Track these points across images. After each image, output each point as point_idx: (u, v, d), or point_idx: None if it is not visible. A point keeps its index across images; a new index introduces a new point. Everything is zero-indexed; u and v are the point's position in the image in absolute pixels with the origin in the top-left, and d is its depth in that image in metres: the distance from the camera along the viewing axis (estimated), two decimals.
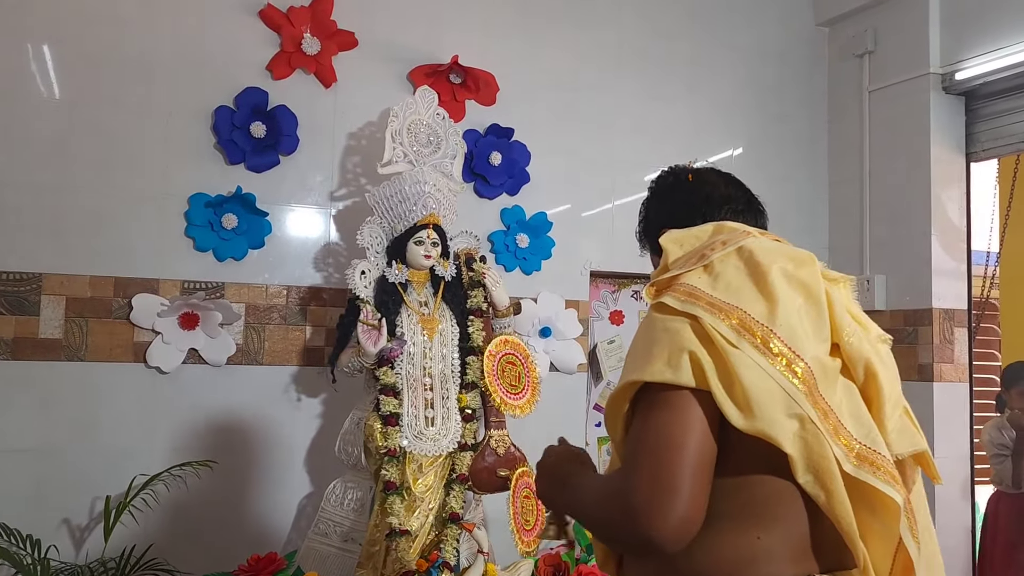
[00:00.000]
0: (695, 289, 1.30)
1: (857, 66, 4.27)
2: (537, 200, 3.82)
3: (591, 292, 3.99)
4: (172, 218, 3.27)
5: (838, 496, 1.22)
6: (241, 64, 3.38)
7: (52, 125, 3.15)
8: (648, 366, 1.24)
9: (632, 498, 1.17)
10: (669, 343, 1.25)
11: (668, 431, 1.20)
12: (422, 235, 3.07)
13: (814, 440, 1.22)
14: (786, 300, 1.29)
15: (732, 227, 1.43)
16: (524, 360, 3.14)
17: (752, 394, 1.20)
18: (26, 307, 3.09)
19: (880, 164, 4.17)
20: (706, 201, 1.54)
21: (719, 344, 1.23)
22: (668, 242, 1.43)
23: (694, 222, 1.49)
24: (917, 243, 3.95)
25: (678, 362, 1.22)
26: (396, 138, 3.17)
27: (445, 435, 3.00)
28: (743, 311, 1.27)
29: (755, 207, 1.58)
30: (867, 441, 1.26)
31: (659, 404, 1.22)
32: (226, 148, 3.32)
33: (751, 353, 1.23)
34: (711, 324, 1.24)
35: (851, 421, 1.27)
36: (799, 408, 1.22)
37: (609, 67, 4.02)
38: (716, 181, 1.58)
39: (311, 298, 3.44)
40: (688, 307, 1.28)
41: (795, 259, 1.36)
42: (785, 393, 1.22)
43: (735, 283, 1.30)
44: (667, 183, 1.63)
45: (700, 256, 1.36)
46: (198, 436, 3.26)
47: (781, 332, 1.26)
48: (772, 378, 1.22)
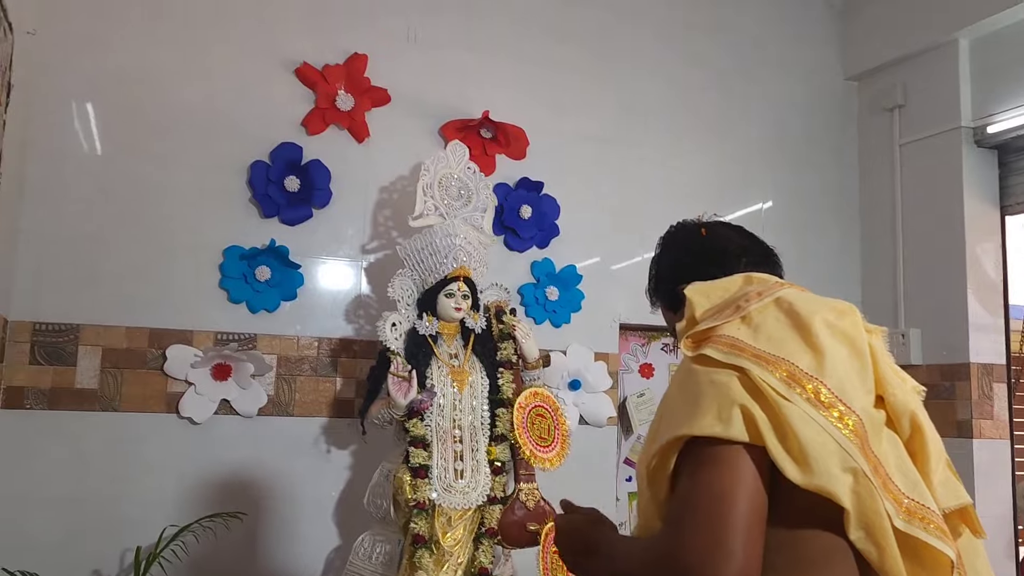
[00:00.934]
0: (738, 341, 1.26)
1: (888, 120, 4.27)
2: (567, 253, 3.83)
3: (621, 345, 3.98)
4: (207, 270, 3.32)
5: (890, 552, 1.18)
6: (277, 120, 3.46)
7: (92, 180, 3.23)
8: (696, 420, 1.19)
9: (684, 560, 1.12)
10: (717, 396, 1.20)
11: (720, 488, 1.15)
12: (452, 288, 3.09)
13: (867, 495, 1.18)
14: (832, 351, 1.26)
15: (761, 278, 1.40)
16: (554, 412, 3.13)
17: (808, 448, 1.17)
18: (64, 357, 3.14)
19: (913, 217, 4.15)
20: (723, 254, 1.50)
21: (770, 397, 1.19)
22: (695, 294, 1.39)
23: (713, 276, 1.45)
24: (953, 297, 3.91)
25: (729, 416, 1.18)
26: (427, 191, 3.21)
27: (474, 488, 2.98)
28: (790, 363, 1.23)
29: (772, 259, 1.55)
30: (915, 495, 1.22)
31: (709, 460, 1.18)
32: (261, 202, 3.39)
33: (803, 405, 1.19)
34: (760, 376, 1.21)
35: (898, 475, 1.23)
36: (853, 462, 1.18)
37: (637, 120, 4.06)
38: (729, 234, 1.56)
39: (342, 350, 3.46)
40: (733, 359, 1.23)
41: (836, 309, 1.33)
42: (839, 446, 1.18)
43: (777, 334, 1.27)
44: (679, 238, 1.60)
45: (735, 307, 1.33)
46: (228, 487, 3.26)
47: (831, 383, 1.22)
48: (826, 431, 1.18)
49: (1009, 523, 3.84)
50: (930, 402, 1.42)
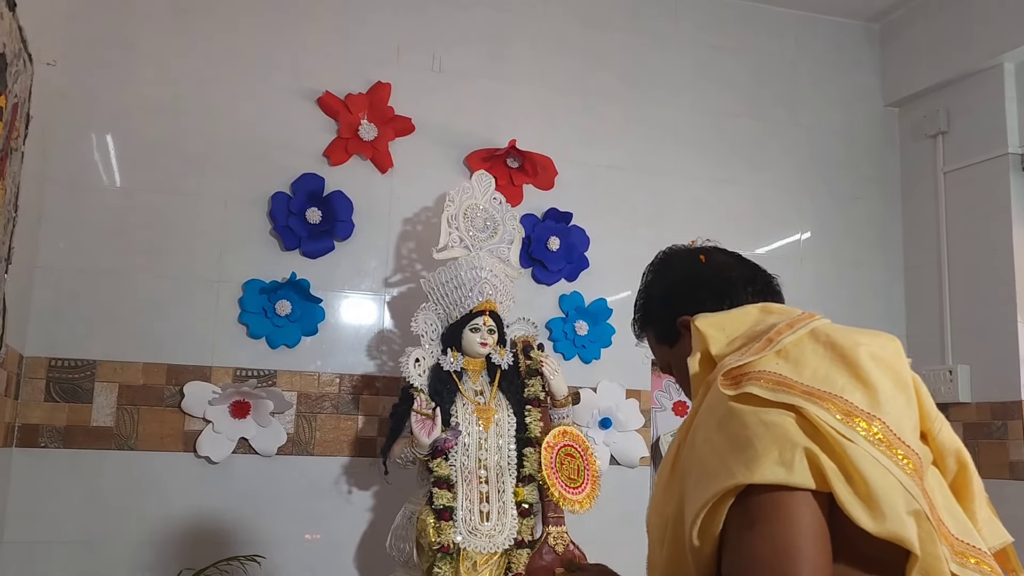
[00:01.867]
0: (783, 377, 1.15)
1: (931, 147, 4.13)
2: (596, 286, 3.71)
3: (653, 382, 3.84)
4: (226, 304, 3.24)
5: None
6: (298, 151, 3.39)
7: (111, 213, 3.17)
8: (754, 466, 1.08)
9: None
10: (775, 439, 1.09)
11: (784, 541, 1.05)
12: (478, 322, 2.98)
13: (928, 539, 1.08)
14: (882, 385, 1.15)
15: (781, 308, 1.31)
16: (584, 452, 2.99)
17: (878, 492, 1.06)
18: (79, 395, 3.06)
19: (958, 247, 3.98)
20: (727, 283, 1.40)
21: (830, 437, 1.09)
22: (708, 327, 1.29)
23: (715, 307, 1.36)
24: (1003, 330, 3.73)
25: (792, 459, 1.08)
26: (452, 223, 3.11)
27: (501, 531, 2.85)
28: (843, 399, 1.12)
29: (773, 287, 1.45)
30: (964, 536, 1.14)
31: (771, 509, 1.07)
32: (282, 234, 3.31)
33: (865, 445, 1.09)
34: (817, 414, 1.10)
35: (946, 515, 1.15)
36: (916, 504, 1.08)
37: (669, 149, 3.95)
38: (729, 261, 1.46)
39: (364, 387, 3.36)
40: (783, 396, 1.12)
41: (877, 340, 1.22)
42: (904, 488, 1.08)
43: (822, 369, 1.16)
44: (673, 265, 1.49)
45: (767, 341, 1.22)
46: (246, 528, 3.16)
47: (888, 420, 1.12)
48: (891, 472, 1.08)
49: None
50: (980, 442, 1.34)
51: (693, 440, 1.20)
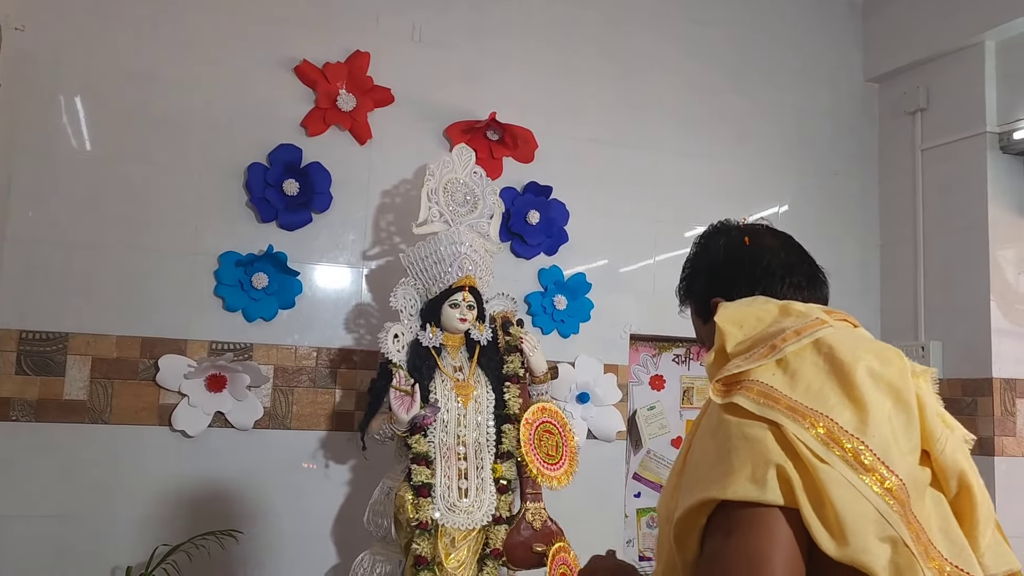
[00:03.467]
0: (771, 390, 1.14)
1: (909, 124, 4.14)
2: (576, 260, 3.70)
3: (631, 356, 3.85)
4: (202, 277, 3.19)
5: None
6: (275, 121, 3.33)
7: (82, 181, 3.10)
8: (728, 481, 1.09)
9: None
10: (751, 454, 1.10)
11: (753, 554, 1.06)
12: (457, 298, 2.96)
13: (906, 566, 1.07)
14: (876, 406, 1.14)
15: (799, 311, 1.27)
16: (562, 429, 3.00)
17: (845, 517, 1.06)
18: (51, 368, 3.01)
19: (934, 225, 4.01)
20: (765, 272, 1.37)
21: (805, 458, 1.08)
22: (726, 323, 1.27)
23: (750, 293, 1.34)
24: (975, 308, 3.77)
25: (764, 477, 1.08)
26: (432, 197, 3.08)
27: (479, 507, 2.86)
28: (829, 419, 1.11)
29: (817, 277, 1.42)
30: (958, 561, 1.12)
31: (743, 524, 1.08)
32: (258, 206, 3.26)
33: (841, 469, 1.08)
34: (795, 434, 1.09)
35: (940, 538, 1.13)
36: (892, 530, 1.07)
37: (651, 123, 3.92)
38: (775, 246, 1.41)
39: (341, 360, 3.33)
40: (766, 412, 1.12)
41: (881, 356, 1.19)
42: (879, 514, 1.07)
43: (816, 384, 1.15)
44: (718, 242, 1.45)
45: (770, 347, 1.20)
46: (222, 503, 3.14)
47: (873, 444, 1.11)
48: (865, 497, 1.07)
49: None
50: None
51: (695, 442, 1.21)
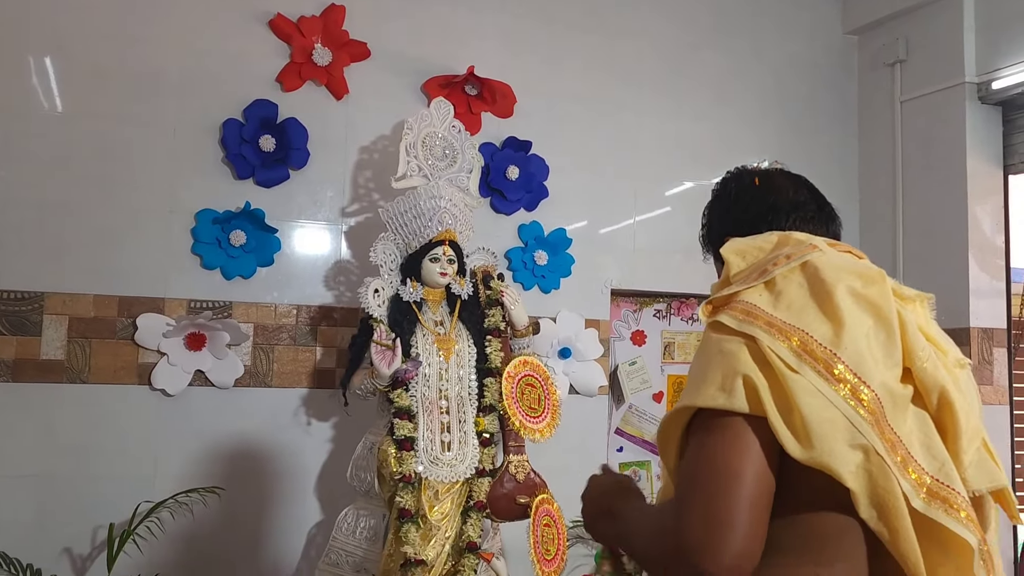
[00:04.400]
0: (753, 307, 1.20)
1: (888, 76, 4.13)
2: (556, 216, 3.69)
3: (612, 311, 3.85)
4: (178, 235, 3.16)
5: (904, 534, 1.12)
6: (250, 76, 3.28)
7: (54, 140, 3.05)
8: (701, 391, 1.16)
9: (684, 535, 1.09)
10: (723, 366, 1.17)
11: (723, 460, 1.12)
12: (438, 252, 2.95)
13: (879, 473, 1.12)
14: (853, 322, 1.18)
15: (798, 239, 1.32)
16: (544, 382, 3.00)
17: (811, 423, 1.11)
18: (27, 327, 2.98)
19: (913, 177, 4.02)
20: (772, 209, 1.43)
21: (777, 368, 1.14)
22: (730, 253, 1.32)
23: (759, 230, 1.39)
24: (953, 260, 3.79)
25: (732, 386, 1.14)
26: (410, 151, 3.05)
27: (462, 460, 2.87)
28: (805, 332, 1.17)
29: (826, 212, 1.46)
30: (939, 475, 1.15)
31: (713, 431, 1.14)
32: (234, 162, 3.22)
33: (812, 378, 1.13)
34: (769, 346, 1.15)
35: (922, 453, 1.16)
36: (863, 438, 1.12)
37: (631, 78, 3.90)
38: (784, 185, 1.47)
39: (322, 318, 3.32)
40: (745, 327, 1.19)
41: (864, 276, 1.25)
42: (848, 422, 1.12)
43: (798, 302, 1.21)
44: (731, 187, 1.51)
45: (761, 271, 1.26)
46: (204, 461, 3.13)
47: (846, 356, 1.15)
48: (834, 405, 1.12)
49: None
50: None
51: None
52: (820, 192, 1.49)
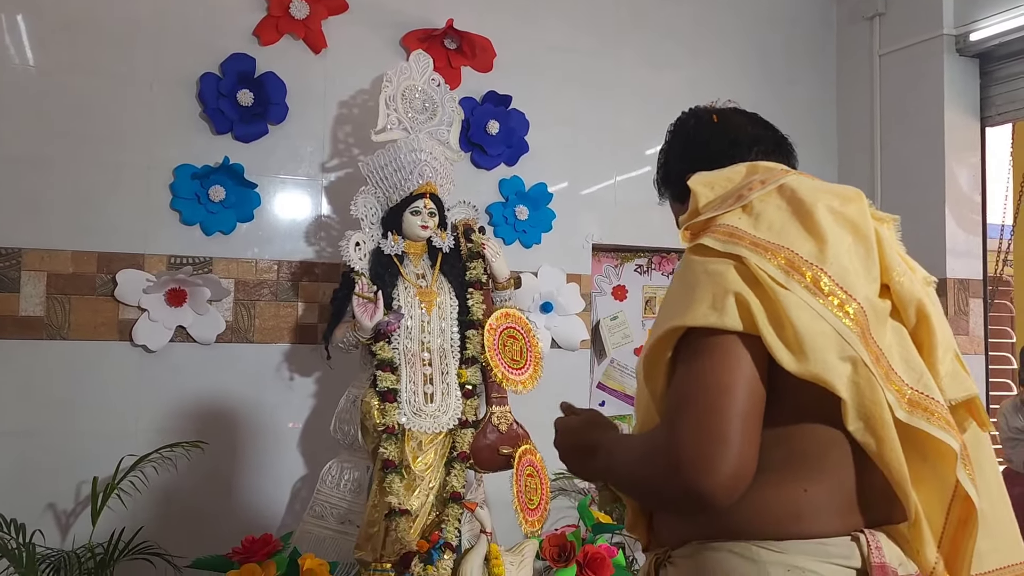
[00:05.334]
0: (736, 230, 1.21)
1: (867, 29, 4.13)
2: (536, 171, 3.68)
3: (593, 266, 3.86)
4: (157, 190, 3.14)
5: (889, 444, 1.15)
6: (226, 29, 3.24)
7: (27, 96, 3.01)
8: (691, 310, 1.15)
9: (679, 451, 1.09)
10: (712, 285, 1.16)
11: (715, 378, 1.12)
12: (418, 205, 2.94)
13: (867, 385, 1.14)
14: (835, 238, 1.20)
15: (768, 166, 1.33)
16: (526, 334, 3.01)
17: (804, 336, 1.12)
18: (5, 284, 2.96)
19: (891, 131, 4.04)
20: (734, 144, 1.42)
21: (767, 285, 1.15)
22: (698, 184, 1.32)
23: (720, 166, 1.38)
24: (930, 213, 3.83)
25: (723, 305, 1.14)
26: (390, 104, 3.03)
27: (445, 412, 2.88)
28: (790, 250, 1.18)
29: (785, 147, 1.47)
30: (919, 386, 1.18)
31: (704, 350, 1.14)
32: (212, 117, 3.19)
33: (801, 293, 1.15)
34: (757, 264, 1.16)
35: (902, 365, 1.19)
36: (852, 351, 1.14)
37: (610, 32, 3.88)
38: (742, 122, 1.47)
39: (303, 273, 3.31)
40: (731, 247, 1.19)
41: (841, 196, 1.27)
42: (838, 335, 1.14)
43: (778, 222, 1.22)
44: (689, 125, 1.50)
45: (737, 197, 1.26)
46: (187, 417, 3.13)
47: (831, 271, 1.17)
48: (824, 319, 1.14)
49: None
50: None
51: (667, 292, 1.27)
52: (776, 127, 1.49)
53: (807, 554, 1.16)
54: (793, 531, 1.17)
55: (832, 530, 1.18)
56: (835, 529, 1.18)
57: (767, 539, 1.17)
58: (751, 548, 1.18)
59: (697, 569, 1.23)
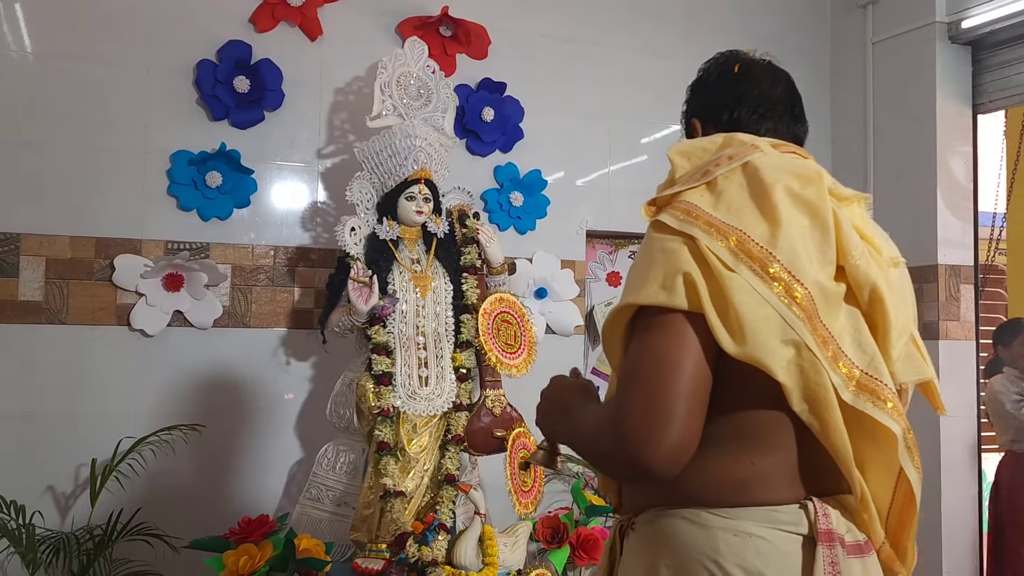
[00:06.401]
0: (694, 207, 1.23)
1: (860, 17, 4.15)
2: (531, 157, 3.70)
3: (588, 252, 3.89)
4: (154, 176, 3.16)
5: (834, 425, 1.19)
6: (223, 16, 3.27)
7: (25, 82, 3.04)
8: (643, 288, 1.19)
9: (624, 425, 1.14)
10: (665, 264, 1.20)
11: (662, 355, 1.16)
12: (413, 190, 2.97)
13: (811, 368, 1.18)
14: (789, 222, 1.22)
15: (740, 140, 1.34)
16: (520, 319, 3.05)
17: (745, 319, 1.16)
18: (5, 269, 2.99)
19: (884, 119, 4.06)
20: (738, 99, 1.44)
21: (714, 267, 1.18)
22: (675, 155, 1.35)
23: (719, 118, 1.43)
24: (922, 200, 3.84)
25: (672, 284, 1.18)
26: (385, 90, 3.06)
27: (439, 395, 2.92)
28: (742, 232, 1.21)
29: (794, 113, 1.47)
30: (869, 369, 1.22)
31: (653, 327, 1.18)
32: (209, 103, 3.22)
33: (748, 277, 1.18)
34: (707, 245, 1.19)
35: (853, 348, 1.22)
36: (795, 335, 1.17)
37: (603, 20, 3.90)
38: (762, 78, 1.47)
39: (299, 259, 3.34)
40: (685, 227, 1.22)
41: (801, 176, 1.28)
42: (781, 319, 1.17)
43: (737, 202, 1.24)
44: (712, 70, 1.52)
45: (704, 172, 1.29)
46: (185, 401, 3.16)
47: (781, 255, 1.20)
48: (768, 303, 1.17)
49: (973, 425, 3.86)
50: None
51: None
52: (798, 93, 1.49)
53: (755, 520, 1.21)
54: (742, 499, 1.22)
55: (780, 499, 1.22)
56: (783, 498, 1.23)
57: (717, 507, 1.22)
58: (701, 515, 1.23)
59: (654, 534, 1.28)
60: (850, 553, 1.21)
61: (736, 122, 1.43)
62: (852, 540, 1.23)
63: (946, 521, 3.65)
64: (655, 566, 1.26)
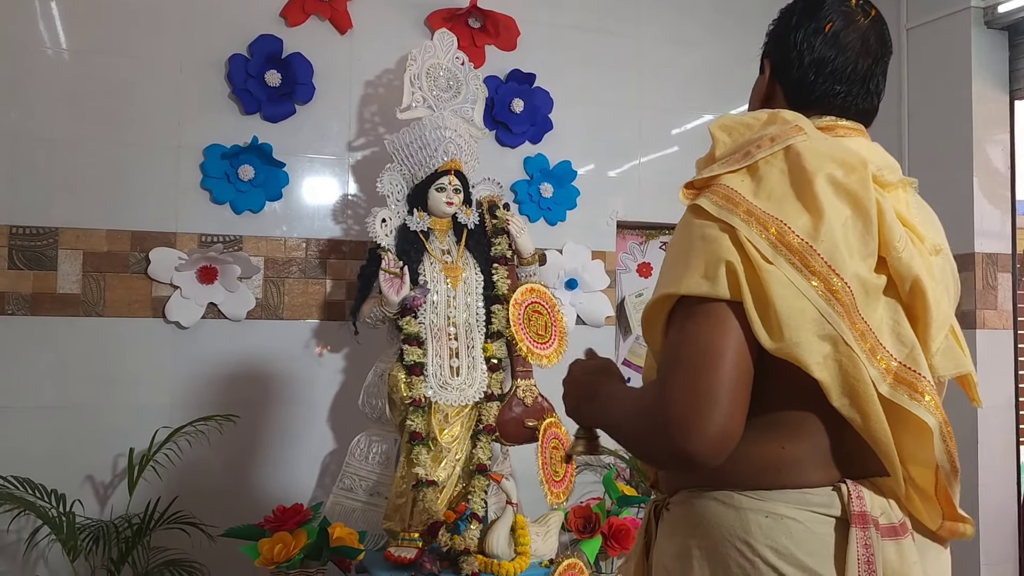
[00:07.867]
0: (734, 194, 1.21)
1: (894, 3, 4.08)
2: (561, 148, 3.70)
3: (618, 243, 3.88)
4: (188, 170, 3.20)
5: (875, 418, 1.18)
6: (254, 11, 3.29)
7: (61, 78, 3.08)
8: (685, 277, 1.17)
9: (668, 412, 1.12)
10: (706, 252, 1.18)
11: (705, 343, 1.14)
12: (443, 181, 2.98)
13: (848, 363, 1.16)
14: (831, 213, 1.19)
15: (785, 119, 1.29)
16: (551, 309, 3.04)
17: (783, 314, 1.14)
18: (43, 262, 3.04)
19: (919, 105, 4.00)
20: (812, 65, 1.37)
21: (753, 259, 1.16)
22: (717, 130, 1.32)
23: (794, 86, 1.39)
24: (959, 188, 3.78)
25: (715, 274, 1.16)
26: (415, 82, 3.07)
27: (471, 385, 2.93)
28: (783, 223, 1.18)
29: (867, 89, 1.39)
30: (907, 361, 1.20)
31: (696, 316, 1.16)
32: (241, 98, 3.25)
33: (786, 270, 1.16)
34: (747, 236, 1.17)
35: (891, 339, 1.21)
36: (832, 329, 1.16)
37: (631, 10, 3.88)
38: (851, 45, 1.36)
39: (330, 251, 3.36)
40: (724, 215, 1.20)
41: (845, 164, 1.24)
42: (818, 313, 1.16)
43: (778, 191, 1.21)
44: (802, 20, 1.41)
45: (745, 153, 1.26)
46: (219, 391, 3.20)
47: (822, 248, 1.17)
48: (806, 297, 1.16)
49: (1011, 416, 3.80)
50: None
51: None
52: (886, 63, 1.41)
53: (787, 502, 1.20)
54: (774, 481, 1.21)
55: (813, 481, 1.21)
56: (816, 480, 1.22)
57: (749, 488, 1.21)
58: (733, 496, 1.22)
59: (687, 516, 1.28)
60: (884, 535, 1.20)
61: (800, 82, 1.38)
62: (886, 522, 1.22)
63: (983, 514, 3.59)
64: (687, 547, 1.26)
